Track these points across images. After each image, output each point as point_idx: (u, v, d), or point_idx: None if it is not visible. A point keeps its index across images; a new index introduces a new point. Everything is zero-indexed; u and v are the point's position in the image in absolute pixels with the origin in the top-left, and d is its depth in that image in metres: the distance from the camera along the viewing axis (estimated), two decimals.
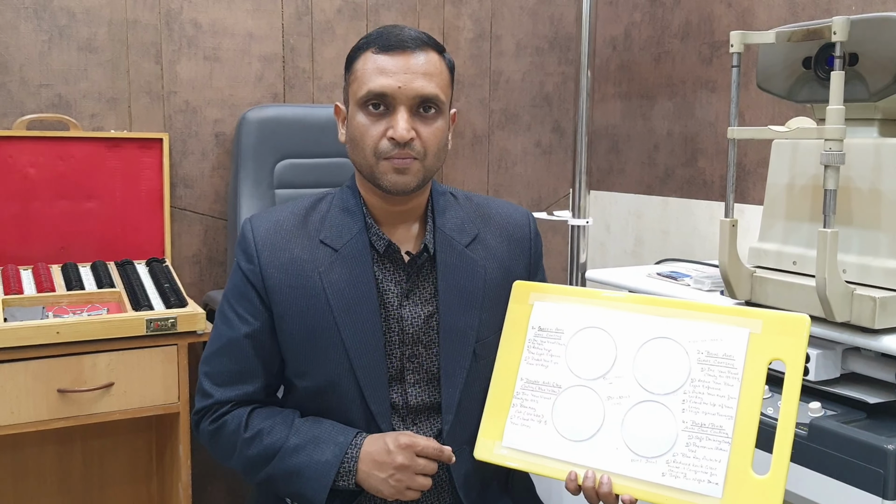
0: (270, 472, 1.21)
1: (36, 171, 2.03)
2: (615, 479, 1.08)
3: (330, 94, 2.41)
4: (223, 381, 1.25)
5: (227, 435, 1.24)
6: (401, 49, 1.18)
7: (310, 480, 1.17)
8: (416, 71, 1.17)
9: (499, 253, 1.32)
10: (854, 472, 1.21)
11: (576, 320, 1.18)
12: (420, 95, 1.17)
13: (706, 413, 1.06)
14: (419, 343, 1.25)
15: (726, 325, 1.09)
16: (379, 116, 1.18)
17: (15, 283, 1.88)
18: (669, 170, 2.48)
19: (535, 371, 1.18)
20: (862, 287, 1.35)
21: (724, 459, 1.04)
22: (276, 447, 1.20)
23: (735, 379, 1.06)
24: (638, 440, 1.08)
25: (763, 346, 1.06)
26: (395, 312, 1.25)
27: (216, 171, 2.29)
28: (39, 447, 2.10)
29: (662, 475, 1.06)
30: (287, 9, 2.34)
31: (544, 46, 2.75)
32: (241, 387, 1.25)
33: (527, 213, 1.39)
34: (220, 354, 1.26)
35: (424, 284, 1.27)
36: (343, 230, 1.25)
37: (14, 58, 2.05)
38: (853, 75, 1.37)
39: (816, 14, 2.01)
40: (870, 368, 1.36)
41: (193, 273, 2.30)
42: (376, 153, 1.18)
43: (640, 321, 1.14)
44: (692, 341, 1.10)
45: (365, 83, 1.18)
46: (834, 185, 1.30)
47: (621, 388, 1.12)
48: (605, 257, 2.73)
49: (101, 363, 1.76)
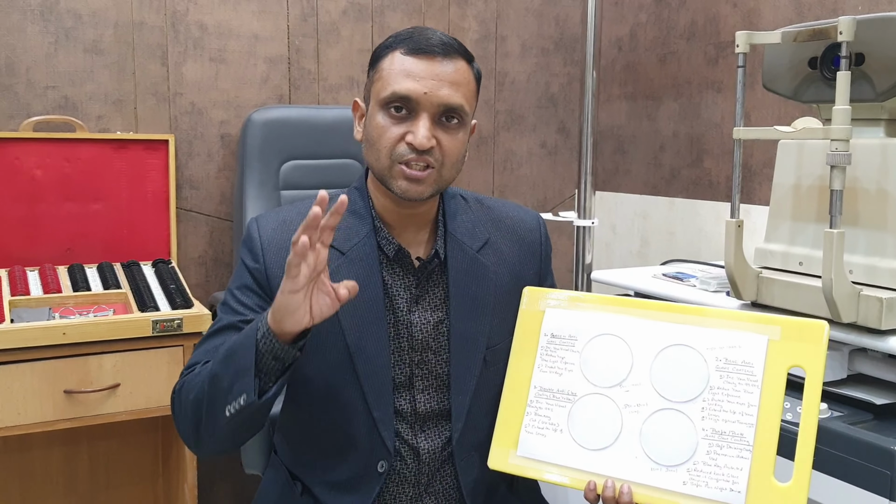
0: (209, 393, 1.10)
1: (42, 172, 2.04)
2: (635, 489, 1.06)
3: (335, 96, 2.42)
4: (207, 357, 1.19)
5: (176, 394, 1.20)
6: (430, 54, 1.15)
7: (240, 353, 1.07)
8: (444, 79, 1.15)
9: (510, 258, 1.30)
10: (861, 474, 1.21)
11: (589, 327, 1.16)
12: (445, 104, 1.15)
13: (726, 421, 1.05)
14: (428, 349, 1.24)
15: (744, 331, 1.08)
16: (400, 119, 1.16)
17: (22, 284, 1.88)
18: (675, 170, 2.48)
19: (549, 379, 1.16)
20: (868, 288, 1.34)
21: (745, 467, 1.02)
22: (204, 374, 1.13)
23: (755, 386, 1.05)
24: (657, 449, 1.07)
25: (782, 353, 1.05)
26: (404, 318, 1.23)
27: (222, 172, 2.30)
28: (46, 448, 2.11)
29: (683, 484, 1.05)
30: (292, 10, 2.34)
31: (549, 47, 2.75)
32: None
33: (537, 216, 1.38)
34: (214, 335, 1.22)
35: (435, 290, 1.25)
36: (350, 233, 1.23)
37: (21, 60, 2.06)
38: (859, 75, 1.36)
39: (822, 14, 2.00)
40: (876, 369, 1.36)
41: (199, 274, 2.30)
42: (392, 156, 1.16)
43: (655, 328, 1.13)
44: (710, 348, 1.09)
45: (390, 84, 1.15)
46: (840, 186, 1.30)
47: (639, 396, 1.10)
48: (610, 258, 2.72)
49: (107, 364, 1.77)
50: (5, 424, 1.69)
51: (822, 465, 1.25)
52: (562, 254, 2.79)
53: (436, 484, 1.25)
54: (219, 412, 1.10)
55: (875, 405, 1.32)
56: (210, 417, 1.12)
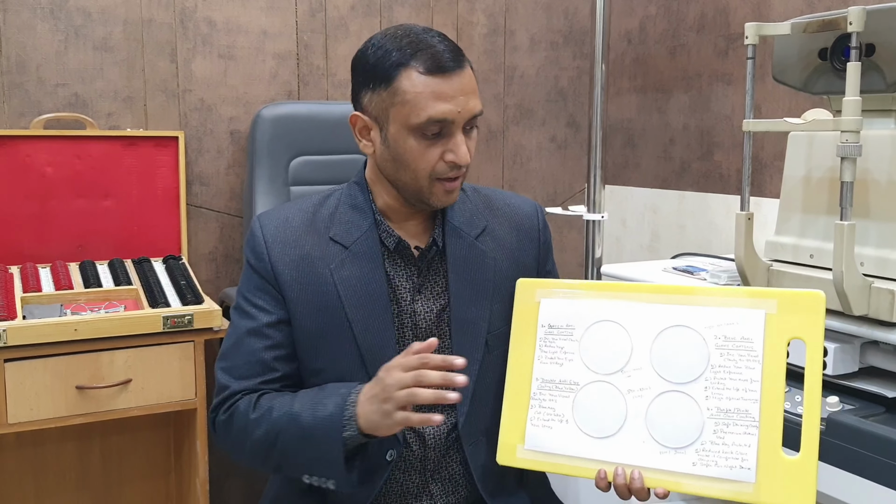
0: (281, 448, 1.15)
1: (53, 170, 2.05)
2: (645, 473, 1.07)
3: (344, 91, 2.42)
4: (241, 374, 1.22)
5: (237, 420, 1.20)
6: (450, 70, 1.14)
7: (319, 440, 1.12)
8: (468, 91, 1.16)
9: (508, 244, 1.32)
10: (872, 467, 1.20)
11: (586, 315, 1.17)
12: (473, 115, 1.17)
13: (730, 398, 1.05)
14: (432, 337, 1.25)
15: (741, 307, 1.08)
16: (434, 140, 1.16)
17: (34, 281, 1.90)
18: (685, 164, 2.47)
19: (550, 370, 1.17)
20: (880, 280, 1.33)
21: (753, 444, 1.03)
22: (282, 421, 1.15)
23: (756, 361, 1.05)
24: (664, 432, 1.07)
25: (780, 326, 1.05)
26: (408, 307, 1.25)
27: (231, 168, 2.30)
28: (59, 443, 2.12)
29: (693, 465, 1.05)
30: (301, 6, 2.34)
31: (559, 41, 2.74)
32: (258, 377, 1.22)
33: (535, 204, 1.39)
34: (237, 347, 1.24)
35: (436, 278, 1.27)
36: (352, 227, 1.24)
37: (31, 58, 2.07)
38: (870, 66, 1.35)
39: (833, 5, 1.99)
40: (888, 362, 1.35)
41: (210, 270, 2.31)
42: (431, 175, 1.17)
43: (651, 311, 1.13)
44: (708, 327, 1.09)
45: (423, 109, 1.13)
46: (851, 178, 1.29)
47: (641, 381, 1.11)
48: (620, 252, 2.72)
49: (118, 360, 1.78)
50: (19, 420, 1.70)
51: (834, 459, 1.25)
52: (571, 248, 2.78)
53: (442, 470, 1.26)
54: (293, 471, 1.20)
55: (887, 398, 1.31)
56: (278, 468, 1.20)
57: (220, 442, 1.26)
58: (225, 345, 1.27)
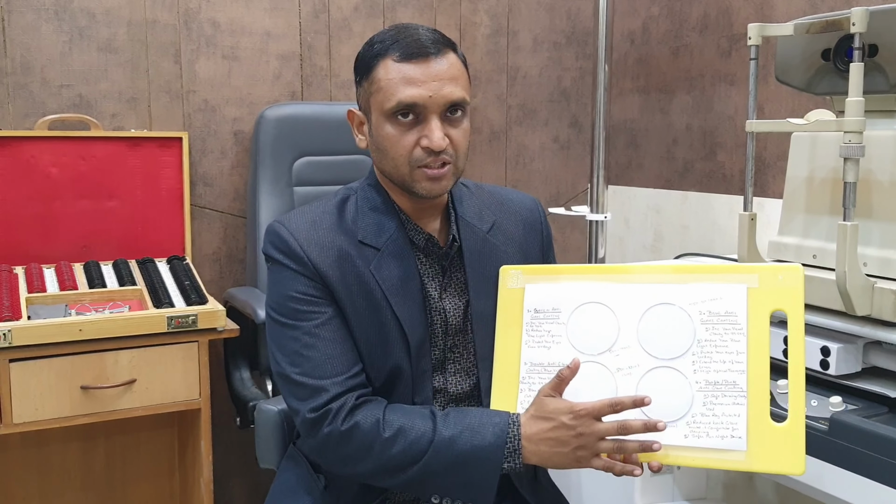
0: (423, 469, 1.14)
1: (58, 170, 2.06)
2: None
3: (348, 92, 2.42)
4: (327, 373, 1.18)
5: (363, 435, 1.16)
6: (424, 56, 1.16)
7: (476, 467, 1.13)
8: (443, 77, 1.16)
9: (516, 236, 1.34)
10: (876, 467, 1.20)
11: (571, 298, 1.18)
12: (449, 102, 1.17)
13: (717, 371, 1.08)
14: (460, 333, 1.28)
15: (723, 283, 1.11)
16: (409, 125, 1.17)
17: (38, 281, 1.90)
18: (688, 164, 2.47)
19: (538, 353, 1.19)
20: (883, 280, 1.33)
21: (742, 413, 1.06)
22: (424, 442, 1.14)
23: (741, 334, 1.08)
24: (655, 407, 1.09)
25: (762, 299, 1.08)
26: (437, 305, 1.26)
27: (235, 169, 2.31)
28: (63, 443, 2.13)
29: (685, 437, 1.08)
30: (304, 7, 2.35)
31: (561, 41, 2.74)
32: (346, 372, 1.19)
33: (534, 199, 1.42)
34: (310, 348, 1.19)
35: (457, 274, 1.29)
36: (379, 229, 1.24)
37: (35, 59, 2.07)
38: (872, 67, 1.35)
39: (835, 5, 1.99)
40: (891, 362, 1.35)
41: (213, 271, 2.31)
42: (410, 162, 1.18)
43: (636, 290, 1.15)
44: (693, 303, 1.11)
45: (393, 94, 1.16)
46: (854, 178, 1.29)
47: (629, 359, 1.13)
48: (623, 252, 2.72)
49: (123, 360, 1.78)
50: (23, 420, 1.71)
51: (837, 459, 1.25)
52: (575, 249, 2.79)
53: None
54: (429, 491, 1.22)
55: (890, 398, 1.31)
56: (407, 485, 1.18)
57: (327, 452, 1.20)
58: (282, 356, 1.21)
